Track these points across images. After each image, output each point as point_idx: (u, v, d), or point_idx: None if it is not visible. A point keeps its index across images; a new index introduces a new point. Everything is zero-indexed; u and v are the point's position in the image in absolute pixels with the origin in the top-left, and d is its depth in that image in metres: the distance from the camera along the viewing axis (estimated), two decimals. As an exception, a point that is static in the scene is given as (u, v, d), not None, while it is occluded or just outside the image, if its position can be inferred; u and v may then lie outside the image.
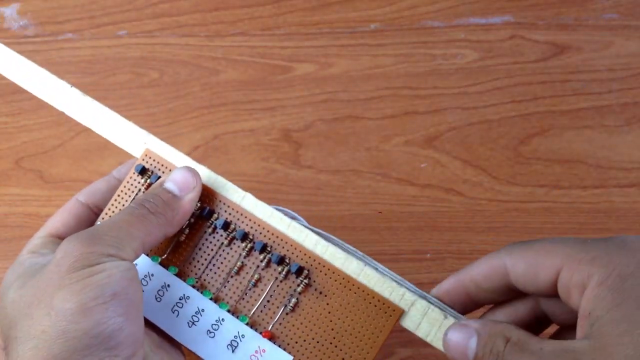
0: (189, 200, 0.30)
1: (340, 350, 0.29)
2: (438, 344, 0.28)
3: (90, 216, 0.33)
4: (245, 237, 0.31)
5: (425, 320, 0.28)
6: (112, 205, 0.33)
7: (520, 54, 0.49)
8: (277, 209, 0.31)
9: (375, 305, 0.29)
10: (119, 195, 0.33)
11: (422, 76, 0.49)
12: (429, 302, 0.28)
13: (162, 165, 0.33)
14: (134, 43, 0.51)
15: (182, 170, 0.31)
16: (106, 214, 0.33)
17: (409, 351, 0.41)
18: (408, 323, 0.28)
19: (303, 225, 0.31)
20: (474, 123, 0.47)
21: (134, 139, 0.33)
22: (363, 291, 0.29)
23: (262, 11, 0.51)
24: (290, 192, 0.46)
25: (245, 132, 0.48)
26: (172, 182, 0.30)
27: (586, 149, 0.46)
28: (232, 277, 0.31)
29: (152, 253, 0.32)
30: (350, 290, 0.29)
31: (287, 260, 0.30)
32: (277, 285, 0.30)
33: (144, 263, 0.31)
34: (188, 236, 0.31)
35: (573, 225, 0.44)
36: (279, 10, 0.51)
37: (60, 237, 0.32)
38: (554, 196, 0.45)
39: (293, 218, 0.31)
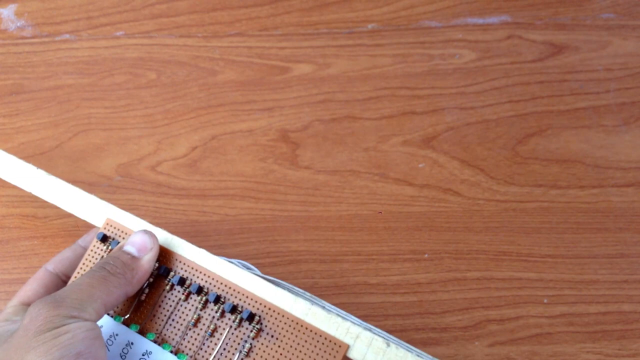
0: (147, 261, 0.33)
1: None
2: None
3: (59, 284, 0.36)
4: (200, 290, 0.33)
5: (370, 350, 0.30)
6: (78, 273, 0.35)
7: (517, 54, 0.49)
8: (228, 260, 0.33)
9: (323, 343, 0.30)
10: (84, 263, 0.35)
11: (419, 76, 0.49)
12: (373, 332, 0.30)
13: (122, 231, 0.35)
14: (131, 44, 0.51)
15: (139, 233, 0.33)
16: (72, 281, 0.35)
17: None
18: (355, 355, 0.30)
19: (256, 274, 0.33)
20: (472, 123, 0.47)
21: (95, 210, 0.36)
22: (311, 330, 0.31)
23: (259, 12, 0.51)
24: (288, 193, 0.46)
25: (243, 133, 0.48)
26: (130, 245, 0.33)
27: (584, 149, 0.46)
28: (190, 329, 0.33)
29: (116, 313, 0.34)
30: (299, 330, 0.31)
31: (239, 309, 0.32)
32: (232, 333, 0.32)
33: (108, 324, 0.33)
34: (148, 295, 0.34)
35: (571, 225, 0.44)
36: (276, 10, 0.51)
37: (30, 305, 0.34)
38: (551, 196, 0.45)
39: (247, 268, 0.33)
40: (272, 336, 0.31)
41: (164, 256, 0.34)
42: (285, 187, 0.46)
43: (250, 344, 0.31)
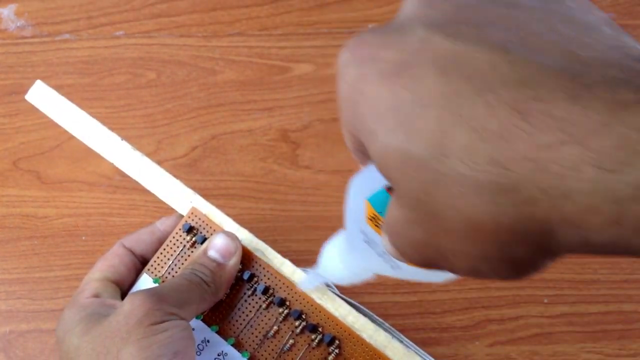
0: (232, 266, 0.32)
1: None
2: None
3: (137, 264, 0.35)
4: (282, 303, 0.32)
5: None
6: (158, 258, 0.35)
7: (518, 54, 0.49)
8: (308, 272, 0.33)
9: None
10: (164, 249, 0.35)
11: (419, 76, 0.49)
12: None
13: (207, 224, 0.35)
14: (131, 43, 0.51)
15: (221, 236, 0.32)
16: (152, 265, 0.35)
17: (408, 351, 0.41)
18: None
19: (336, 294, 0.32)
20: (472, 123, 0.47)
21: (180, 197, 0.35)
22: None
23: (259, 11, 0.51)
24: (288, 192, 0.46)
25: (243, 133, 0.48)
26: (214, 250, 0.32)
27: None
28: (267, 339, 0.32)
29: None
30: None
31: (319, 329, 0.32)
32: (310, 352, 0.32)
33: None
34: (229, 296, 0.33)
35: (571, 224, 0.44)
36: (276, 10, 0.51)
37: (115, 283, 0.33)
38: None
39: (326, 284, 0.33)
40: None
41: (246, 258, 0.34)
42: (285, 187, 0.46)
43: None
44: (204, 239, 0.34)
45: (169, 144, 0.48)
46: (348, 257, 0.27)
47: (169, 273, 0.34)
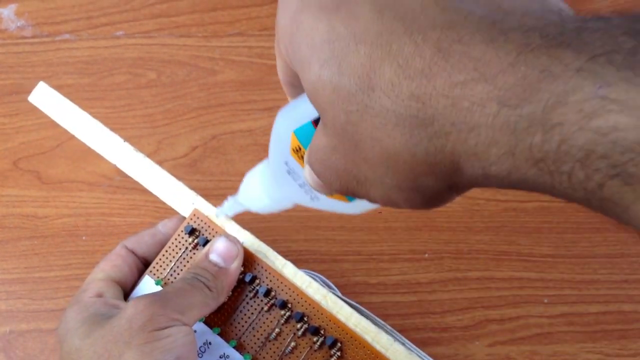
0: (234, 270, 0.32)
1: None
2: None
3: (139, 266, 0.35)
4: (284, 305, 0.32)
5: None
6: (160, 259, 0.35)
7: (517, 54, 0.49)
8: (310, 274, 0.33)
9: None
10: (166, 251, 0.35)
11: (419, 76, 0.49)
12: None
13: (209, 226, 0.34)
14: (131, 44, 0.51)
15: (223, 240, 0.33)
16: (154, 267, 0.34)
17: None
18: None
19: (338, 296, 0.32)
20: (472, 123, 0.47)
21: (183, 199, 0.35)
22: None
23: (259, 11, 0.51)
24: (288, 193, 0.46)
25: (243, 133, 0.48)
26: (215, 254, 0.32)
27: (584, 149, 0.46)
28: (269, 341, 0.32)
29: None
30: None
31: (322, 332, 0.32)
32: (311, 354, 0.32)
33: None
34: (231, 298, 0.33)
35: (571, 224, 0.44)
36: (276, 10, 0.51)
37: (117, 283, 0.33)
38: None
39: (327, 286, 0.33)
40: None
41: (248, 260, 0.34)
42: (286, 187, 0.46)
43: None
44: (206, 241, 0.34)
45: (169, 144, 0.48)
46: (269, 186, 0.28)
47: (171, 275, 0.34)
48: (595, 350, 0.40)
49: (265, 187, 0.28)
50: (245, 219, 0.45)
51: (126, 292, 0.34)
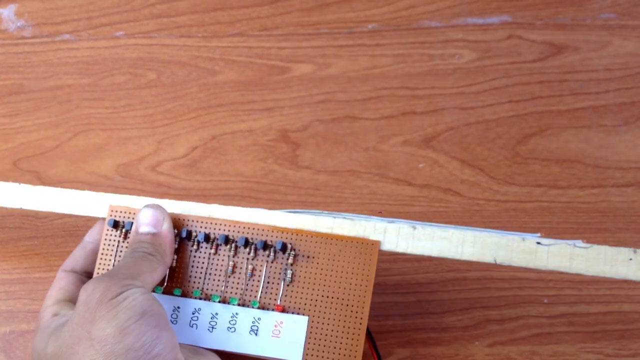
0: (167, 230, 0.34)
1: (343, 295, 0.33)
2: (413, 251, 0.33)
3: (84, 280, 0.35)
4: (227, 240, 0.34)
5: (400, 238, 0.33)
6: (100, 263, 0.36)
7: (517, 54, 0.49)
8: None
9: (357, 247, 0.33)
10: (102, 253, 0.36)
11: (419, 76, 0.49)
12: (397, 223, 0.33)
13: (129, 212, 0.36)
14: (131, 44, 0.51)
15: (145, 210, 0.34)
16: (97, 272, 0.35)
17: (407, 351, 0.41)
18: (388, 246, 0.33)
19: (267, 210, 0.35)
20: (472, 123, 0.47)
21: (97, 203, 0.37)
22: (342, 240, 0.33)
23: (259, 12, 0.51)
24: (288, 193, 0.46)
25: (243, 133, 0.48)
26: (143, 225, 0.33)
27: (584, 149, 0.46)
28: (229, 277, 0.34)
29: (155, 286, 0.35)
30: (331, 244, 0.33)
31: (270, 243, 0.34)
32: (270, 267, 0.34)
33: None
34: (178, 260, 0.34)
35: (571, 225, 0.44)
36: (276, 10, 0.51)
37: (69, 301, 0.34)
38: (551, 196, 0.45)
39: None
40: (309, 257, 0.33)
41: (177, 222, 0.35)
42: (285, 187, 0.46)
43: (291, 270, 0.33)
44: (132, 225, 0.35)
45: (169, 144, 0.48)
46: None
47: None
48: (595, 350, 0.40)
49: None
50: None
51: None
